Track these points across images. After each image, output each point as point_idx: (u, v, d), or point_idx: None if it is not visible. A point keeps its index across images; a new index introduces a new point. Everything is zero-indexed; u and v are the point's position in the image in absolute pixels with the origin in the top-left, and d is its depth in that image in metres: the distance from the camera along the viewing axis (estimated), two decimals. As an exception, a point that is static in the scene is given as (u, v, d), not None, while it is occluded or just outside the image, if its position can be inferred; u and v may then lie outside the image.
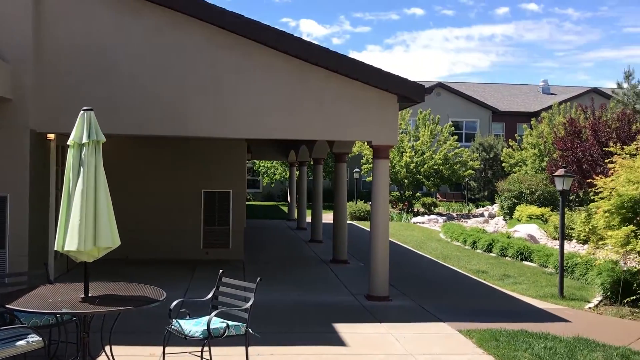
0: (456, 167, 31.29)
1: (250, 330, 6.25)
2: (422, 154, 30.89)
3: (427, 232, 22.80)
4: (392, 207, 32.52)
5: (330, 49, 9.92)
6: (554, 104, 34.62)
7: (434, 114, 34.99)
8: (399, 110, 10.70)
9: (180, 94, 9.72)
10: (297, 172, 24.08)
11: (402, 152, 30.78)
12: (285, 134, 10.35)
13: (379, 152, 10.50)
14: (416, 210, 31.85)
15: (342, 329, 8.38)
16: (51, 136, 10.20)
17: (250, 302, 6.22)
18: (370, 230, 10.68)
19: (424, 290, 11.57)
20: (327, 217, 18.63)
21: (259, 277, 6.47)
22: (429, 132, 31.57)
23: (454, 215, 30.78)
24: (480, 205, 36.18)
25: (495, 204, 31.42)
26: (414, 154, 30.74)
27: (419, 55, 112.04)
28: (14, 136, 9.33)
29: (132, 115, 9.61)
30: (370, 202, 10.65)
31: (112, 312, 5.51)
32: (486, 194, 37.57)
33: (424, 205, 32.54)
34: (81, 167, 5.53)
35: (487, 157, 36.99)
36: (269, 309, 9.23)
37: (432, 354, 7.41)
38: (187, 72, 9.75)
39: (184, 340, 6.02)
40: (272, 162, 38.73)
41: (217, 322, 6.08)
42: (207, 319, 6.04)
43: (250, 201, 39.97)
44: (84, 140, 5.56)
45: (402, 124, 31.98)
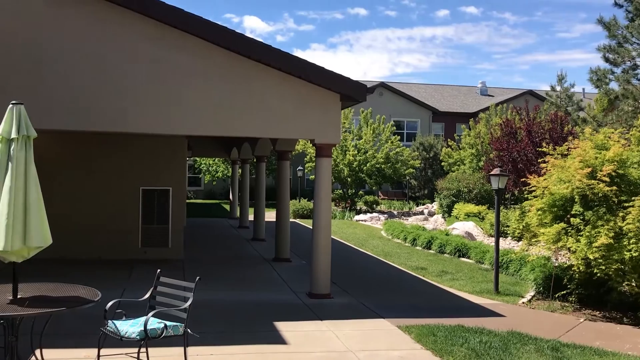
0: (398, 166, 31.79)
1: (189, 330, 6.14)
2: (365, 152, 31.22)
3: (369, 230, 23.07)
4: (335, 205, 32.73)
5: (273, 47, 9.87)
6: (491, 105, 35.72)
7: (376, 113, 35.44)
8: (342, 109, 10.76)
9: (119, 89, 9.42)
10: (240, 170, 23.87)
11: (345, 151, 31.01)
12: (226, 131, 10.23)
13: (322, 150, 10.53)
14: (359, 208, 32.18)
15: (283, 327, 8.36)
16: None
17: (189, 302, 6.11)
18: (312, 228, 10.70)
19: (365, 287, 11.70)
20: (270, 216, 18.54)
21: (198, 277, 6.37)
22: (372, 131, 31.94)
23: (395, 213, 31.27)
24: (420, 203, 36.92)
25: (434, 202, 32.16)
26: (357, 152, 31.02)
27: (363, 54, 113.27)
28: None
29: (68, 110, 9.24)
30: (313, 201, 10.67)
31: (43, 314, 5.30)
32: (426, 192, 38.37)
33: (366, 203, 32.92)
34: (9, 162, 5.30)
35: (428, 156, 37.77)
36: (209, 308, 9.10)
37: (372, 350, 7.50)
38: (127, 66, 9.46)
39: (120, 341, 5.85)
40: (214, 160, 38.26)
41: (155, 323, 5.94)
42: (144, 319, 5.89)
43: (191, 199, 39.35)
44: (13, 135, 5.33)
45: (345, 123, 32.21)
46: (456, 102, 47.65)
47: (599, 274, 9.26)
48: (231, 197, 27.09)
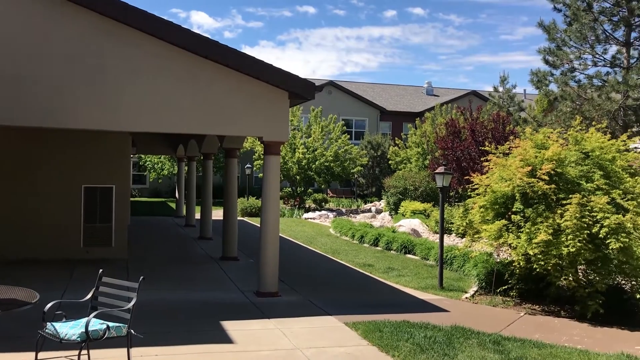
0: (346, 164, 32.01)
1: (132, 331, 6.00)
2: (314, 150, 31.30)
3: (318, 228, 23.15)
4: (284, 203, 32.68)
5: (220, 43, 9.76)
6: (436, 105, 36.42)
7: (325, 111, 35.56)
8: (291, 106, 10.75)
9: (60, 83, 9.10)
10: (186, 168, 23.51)
11: (295, 149, 31.00)
12: (172, 128, 10.04)
13: (270, 148, 10.49)
14: (308, 206, 32.23)
15: (230, 326, 8.29)
16: None
17: (132, 302, 5.97)
18: (260, 226, 10.64)
19: (313, 284, 11.73)
20: (218, 214, 18.37)
21: (142, 276, 6.24)
22: (321, 130, 32.05)
23: (344, 210, 31.48)
24: (368, 201, 37.31)
25: (382, 199, 32.55)
26: (306, 150, 31.06)
27: (312, 53, 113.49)
28: None
29: (3, 104, 8.86)
30: (261, 199, 10.61)
31: (-24, 317, 5.07)
32: (374, 190, 38.80)
33: (315, 201, 33.01)
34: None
35: (375, 154, 38.19)
36: (153, 308, 8.93)
37: (319, 347, 7.52)
38: (68, 60, 9.14)
39: (59, 344, 5.66)
40: (160, 157, 37.53)
41: (97, 324, 5.78)
42: (85, 320, 5.72)
43: (135, 197, 38.51)
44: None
45: (293, 121, 32.20)
46: (403, 102, 48.37)
47: (538, 269, 9.58)
48: (177, 195, 26.65)
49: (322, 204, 33.14)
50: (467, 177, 14.62)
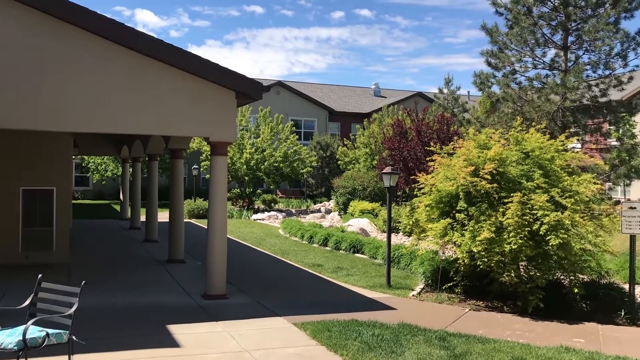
0: (295, 165, 32.01)
1: (74, 337, 5.81)
2: (263, 151, 31.14)
3: (267, 229, 23.05)
4: (233, 204, 32.39)
5: (165, 42, 9.57)
6: (383, 106, 36.92)
7: (274, 112, 35.43)
8: (238, 106, 10.65)
9: (-7, 81, 8.73)
10: (131, 169, 22.96)
11: (243, 149, 30.77)
12: (115, 128, 9.78)
13: (217, 148, 10.37)
14: (257, 207, 32.06)
15: (177, 329, 8.15)
16: None
17: (73, 308, 5.78)
18: (207, 228, 10.51)
19: (261, 286, 11.67)
20: (164, 216, 18.00)
21: (84, 281, 6.06)
22: (270, 130, 31.93)
23: (293, 211, 31.46)
24: (318, 201, 37.43)
25: (331, 200, 32.71)
26: (254, 151, 30.87)
27: (260, 53, 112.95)
28: None
29: None
30: (208, 200, 10.48)
31: None
32: (323, 190, 38.96)
33: (264, 202, 32.86)
34: None
35: (324, 155, 38.36)
36: (96, 313, 8.70)
37: (267, 348, 7.49)
38: (4, 57, 8.77)
39: (-5, 353, 5.44)
40: (103, 158, 36.57)
41: (35, 331, 5.57)
42: (22, 328, 5.51)
43: (78, 200, 37.40)
44: None
45: (242, 121, 31.96)
46: (351, 103, 48.77)
47: (482, 266, 9.82)
48: (122, 197, 26.01)
49: (272, 204, 33.03)
50: (413, 177, 14.84)
